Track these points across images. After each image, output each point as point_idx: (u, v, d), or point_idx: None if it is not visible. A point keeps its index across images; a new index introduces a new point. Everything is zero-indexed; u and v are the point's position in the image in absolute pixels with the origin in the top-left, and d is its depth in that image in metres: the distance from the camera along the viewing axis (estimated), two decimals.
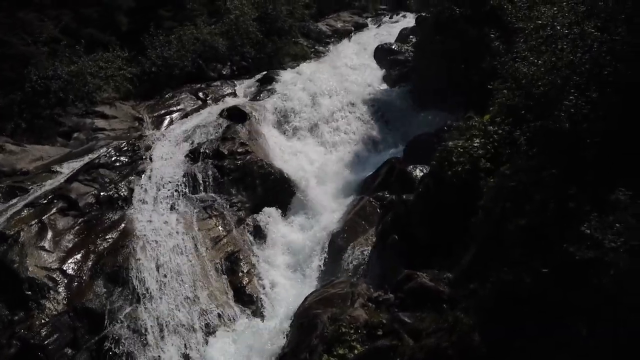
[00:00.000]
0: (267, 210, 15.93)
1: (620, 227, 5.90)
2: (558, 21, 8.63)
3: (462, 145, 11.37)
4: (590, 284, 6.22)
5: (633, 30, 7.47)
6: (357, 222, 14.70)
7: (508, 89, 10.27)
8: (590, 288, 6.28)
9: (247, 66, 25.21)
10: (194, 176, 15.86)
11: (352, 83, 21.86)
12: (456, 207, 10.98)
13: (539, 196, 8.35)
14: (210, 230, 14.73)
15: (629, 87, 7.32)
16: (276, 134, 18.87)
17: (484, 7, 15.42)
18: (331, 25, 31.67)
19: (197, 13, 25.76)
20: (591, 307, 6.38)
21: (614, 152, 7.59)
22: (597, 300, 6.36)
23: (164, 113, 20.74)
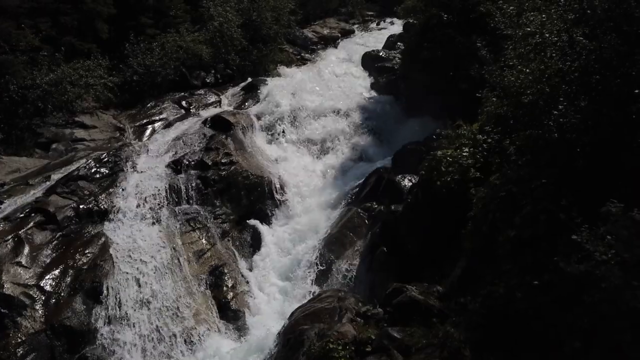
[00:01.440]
0: (252, 222, 15.86)
1: (611, 239, 5.88)
2: (547, 28, 8.66)
3: (451, 154, 11.37)
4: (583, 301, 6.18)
5: (622, 39, 7.49)
6: (345, 233, 14.66)
7: (497, 97, 10.28)
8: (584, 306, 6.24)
9: (231, 74, 25.14)
10: (176, 188, 15.79)
11: (339, 91, 21.88)
12: (446, 217, 10.97)
13: (529, 207, 8.35)
14: (194, 243, 14.63)
15: (619, 95, 7.33)
16: (262, 144, 18.80)
17: (472, 14, 15.49)
18: (317, 31, 31.76)
19: (180, 20, 25.68)
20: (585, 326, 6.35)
21: (605, 161, 7.61)
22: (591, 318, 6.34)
23: (146, 123, 20.61)
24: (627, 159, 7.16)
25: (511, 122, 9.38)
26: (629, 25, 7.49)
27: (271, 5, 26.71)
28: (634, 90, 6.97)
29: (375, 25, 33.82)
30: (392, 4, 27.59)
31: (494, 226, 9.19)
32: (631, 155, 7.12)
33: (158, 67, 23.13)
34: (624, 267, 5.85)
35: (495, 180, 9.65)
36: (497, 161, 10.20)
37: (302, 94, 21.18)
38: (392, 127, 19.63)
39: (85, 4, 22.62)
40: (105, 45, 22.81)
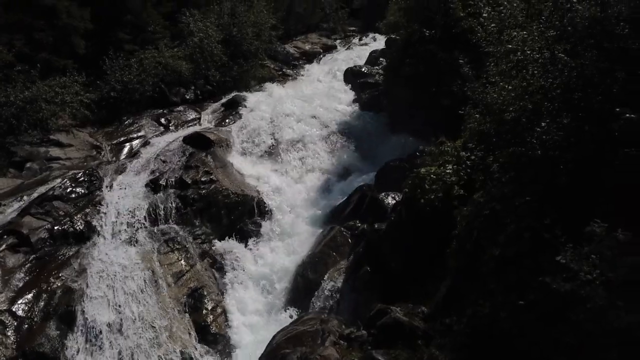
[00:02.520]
0: (233, 242, 15.75)
1: (595, 258, 5.92)
2: (528, 45, 8.76)
3: (435, 171, 11.41)
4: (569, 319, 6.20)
5: (603, 55, 7.60)
6: (328, 253, 14.60)
7: (480, 114, 10.36)
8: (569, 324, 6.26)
9: (211, 90, 25.10)
10: (155, 207, 15.64)
11: (321, 107, 21.89)
12: (430, 236, 10.99)
13: (513, 225, 8.39)
14: (172, 264, 14.46)
15: (600, 112, 7.42)
16: (242, 161, 18.72)
17: (454, 30, 15.65)
18: (299, 47, 31.92)
19: (159, 36, 25.64)
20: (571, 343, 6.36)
21: (587, 179, 7.67)
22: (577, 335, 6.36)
23: (124, 140, 20.47)
24: (608, 177, 7.22)
25: (494, 140, 9.43)
26: (610, 42, 7.61)
27: (252, 21, 26.80)
28: (615, 107, 7.05)
29: (357, 41, 34.02)
30: (374, 20, 27.87)
31: (478, 244, 9.23)
32: (613, 172, 7.18)
33: (136, 83, 23.03)
34: (609, 287, 5.87)
35: (479, 198, 9.70)
36: (481, 178, 10.26)
37: (284, 110, 21.18)
38: (375, 144, 19.69)
39: (60, 20, 22.49)
40: (82, 61, 22.66)
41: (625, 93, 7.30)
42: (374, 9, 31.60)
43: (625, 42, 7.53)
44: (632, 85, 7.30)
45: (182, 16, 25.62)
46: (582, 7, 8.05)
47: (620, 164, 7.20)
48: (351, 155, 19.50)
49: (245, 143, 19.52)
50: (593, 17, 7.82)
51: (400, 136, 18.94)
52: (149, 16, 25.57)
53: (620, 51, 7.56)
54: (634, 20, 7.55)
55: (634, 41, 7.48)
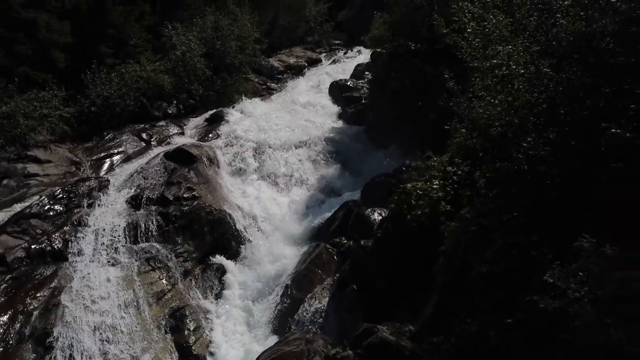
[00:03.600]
0: (216, 260, 15.62)
1: (583, 275, 5.94)
2: (513, 60, 8.84)
3: (421, 187, 11.41)
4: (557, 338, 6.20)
5: (588, 70, 7.68)
6: (313, 270, 14.53)
7: (466, 129, 10.41)
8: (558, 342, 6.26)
9: (194, 104, 25.09)
10: (135, 225, 15.50)
11: (306, 121, 21.96)
12: (417, 252, 10.97)
13: (501, 241, 8.41)
14: (154, 284, 14.31)
15: (586, 127, 7.48)
16: (226, 177, 18.67)
17: (438, 45, 15.78)
18: (283, 60, 32.04)
19: (140, 49, 25.59)
20: None
21: (575, 194, 7.72)
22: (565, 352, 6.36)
23: (104, 156, 20.32)
24: (595, 192, 7.27)
25: (480, 155, 9.47)
26: (594, 57, 7.69)
27: (236, 34, 26.89)
28: (601, 122, 7.11)
29: (342, 54, 34.23)
30: (359, 33, 28.11)
31: (465, 261, 9.22)
32: (599, 187, 7.23)
33: (117, 97, 22.94)
34: (597, 303, 5.89)
35: (466, 213, 9.72)
36: (468, 194, 10.29)
37: (268, 125, 21.22)
38: (361, 158, 19.75)
39: (40, 33, 22.39)
40: (62, 75, 22.52)
41: (611, 108, 7.36)
42: (359, 22, 31.87)
43: (610, 57, 7.61)
44: (618, 100, 7.37)
45: (164, 29, 25.60)
46: (566, 21, 8.14)
47: (606, 179, 7.26)
48: (337, 170, 19.52)
49: (228, 158, 19.47)
50: (578, 32, 7.91)
51: (387, 151, 19.01)
52: (131, 29, 25.53)
53: (605, 66, 7.65)
54: (618, 34, 7.65)
55: (618, 56, 7.57)
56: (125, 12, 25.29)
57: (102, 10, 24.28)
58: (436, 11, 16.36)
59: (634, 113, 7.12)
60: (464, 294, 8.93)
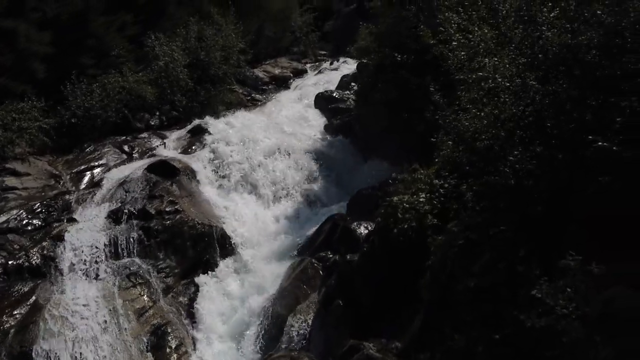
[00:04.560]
0: (199, 275, 15.51)
1: (570, 292, 5.96)
2: (499, 72, 8.90)
3: (408, 200, 11.44)
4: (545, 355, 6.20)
5: (574, 83, 7.75)
6: (298, 286, 14.44)
7: (452, 142, 10.45)
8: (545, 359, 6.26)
9: (177, 116, 24.96)
10: (116, 240, 15.36)
11: (291, 133, 21.92)
12: (404, 267, 10.96)
13: (488, 255, 8.43)
14: (134, 300, 14.16)
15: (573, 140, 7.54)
16: (209, 190, 18.54)
17: (425, 56, 15.85)
18: (268, 71, 32.05)
19: (122, 60, 25.45)
20: None
21: (563, 208, 7.76)
22: None
23: (85, 169, 20.12)
24: (581, 206, 7.32)
25: (467, 168, 9.51)
26: (580, 69, 7.77)
27: (220, 45, 26.84)
28: (588, 135, 7.17)
29: (328, 65, 34.30)
30: (345, 44, 28.23)
31: (452, 275, 9.23)
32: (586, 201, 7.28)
33: (98, 109, 22.76)
34: (585, 321, 5.90)
35: (453, 227, 9.74)
36: (455, 207, 10.31)
37: (253, 137, 21.12)
38: (347, 171, 19.74)
39: (19, 43, 22.24)
40: (42, 86, 22.37)
41: (597, 121, 7.43)
42: (345, 33, 32.02)
43: (596, 70, 7.69)
44: (604, 113, 7.44)
45: (147, 40, 25.51)
46: (552, 34, 8.22)
47: (593, 192, 7.30)
48: (322, 183, 19.49)
49: (212, 171, 19.35)
50: (563, 44, 7.98)
51: (373, 163, 19.03)
52: (113, 40, 25.39)
53: (591, 79, 7.72)
54: (604, 47, 7.73)
55: (604, 69, 7.65)
56: (107, 22, 25.17)
57: (83, 21, 24.14)
58: (422, 22, 16.48)
59: (620, 126, 7.19)
60: (450, 309, 8.94)
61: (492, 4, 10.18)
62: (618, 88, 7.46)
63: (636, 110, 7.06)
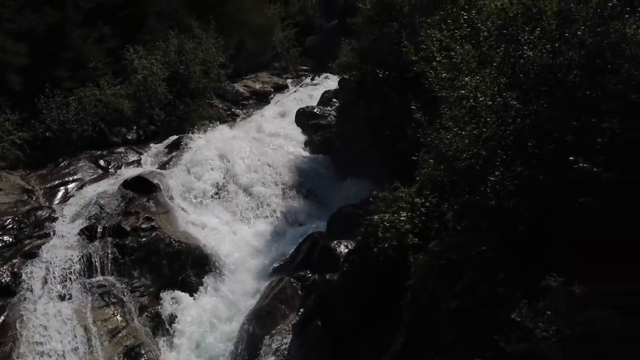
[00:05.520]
0: (174, 294, 15.33)
1: (551, 314, 5.96)
2: (481, 91, 8.96)
3: (389, 219, 11.44)
4: None
5: (555, 103, 7.83)
6: (276, 306, 14.33)
7: (434, 160, 10.50)
8: None
9: (155, 130, 24.80)
10: (90, 257, 15.17)
11: (271, 149, 21.88)
12: (385, 287, 10.93)
13: (469, 276, 8.43)
14: (107, 320, 13.98)
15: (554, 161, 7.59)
16: (187, 207, 18.42)
17: (407, 73, 15.96)
18: (249, 86, 32.02)
19: (100, 73, 25.25)
20: None
21: (544, 228, 7.80)
22: None
23: (59, 184, 19.86)
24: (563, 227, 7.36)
25: (448, 188, 9.54)
26: (562, 90, 7.85)
27: (200, 58, 26.79)
28: (569, 156, 7.22)
29: (309, 81, 34.36)
30: (327, 59, 28.24)
31: (433, 296, 9.21)
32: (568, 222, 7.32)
33: (74, 122, 22.55)
34: (565, 343, 5.90)
35: (434, 247, 9.74)
36: (436, 226, 10.33)
37: (232, 153, 21.05)
38: (328, 188, 19.73)
39: None
40: (17, 98, 22.14)
41: (578, 142, 7.49)
42: (327, 49, 32.03)
43: (577, 90, 7.78)
44: (585, 133, 7.51)
45: (125, 52, 25.40)
46: (533, 54, 8.31)
47: (574, 213, 7.35)
48: (302, 201, 19.45)
49: (190, 187, 19.22)
50: (544, 64, 8.07)
51: (354, 180, 19.04)
52: (90, 52, 25.22)
53: (572, 99, 7.81)
54: (585, 67, 7.83)
55: (585, 89, 7.74)
56: (85, 34, 25.01)
57: (60, 32, 23.97)
58: (405, 39, 16.61)
59: (601, 147, 7.27)
60: (431, 330, 8.91)
61: (474, 22, 10.28)
62: (599, 109, 7.54)
63: (617, 131, 7.13)
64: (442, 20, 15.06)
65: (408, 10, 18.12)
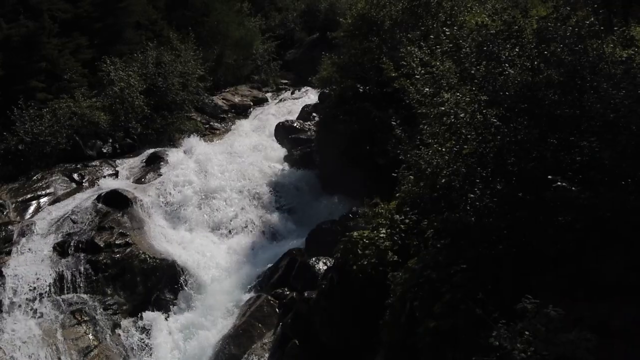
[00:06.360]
0: (149, 312, 15.16)
1: (529, 335, 5.96)
2: (461, 108, 9.01)
3: (368, 235, 11.40)
4: None
5: (534, 121, 7.89)
6: (253, 324, 14.22)
7: (414, 177, 10.52)
8: None
9: (132, 143, 24.65)
10: (61, 274, 14.95)
11: (250, 164, 21.85)
12: (364, 305, 10.89)
13: (448, 295, 8.41)
14: (79, 339, 13.79)
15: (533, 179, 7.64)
16: (163, 222, 18.28)
17: (387, 88, 16.04)
18: (228, 99, 31.96)
19: (75, 85, 25.08)
20: None
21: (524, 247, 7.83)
22: None
23: (31, 198, 19.60)
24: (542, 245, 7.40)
25: (427, 205, 9.56)
26: (540, 108, 7.92)
27: (179, 71, 26.77)
28: (548, 174, 7.26)
29: (289, 94, 34.42)
30: (307, 73, 28.36)
31: (412, 315, 9.18)
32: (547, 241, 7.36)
33: (48, 135, 22.30)
34: None
35: (414, 264, 9.71)
36: (416, 243, 10.33)
37: (210, 167, 20.98)
38: (307, 204, 19.70)
39: None
40: None
41: (557, 160, 7.55)
42: (307, 62, 32.19)
43: (556, 109, 7.85)
44: (564, 152, 7.58)
45: (102, 64, 25.25)
46: (514, 71, 8.39)
47: (553, 232, 7.39)
48: (281, 216, 19.40)
49: (166, 202, 19.07)
50: (524, 82, 8.14)
51: (334, 196, 19.06)
52: (66, 63, 25.06)
53: (551, 117, 7.88)
54: (564, 85, 7.92)
55: (564, 107, 7.82)
56: (61, 44, 24.87)
57: (36, 43, 23.81)
58: (385, 54, 16.72)
59: (580, 166, 7.33)
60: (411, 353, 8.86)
61: (456, 39, 10.37)
62: (578, 127, 7.62)
63: (595, 150, 7.20)
64: (423, 36, 15.24)
65: (389, 26, 18.30)
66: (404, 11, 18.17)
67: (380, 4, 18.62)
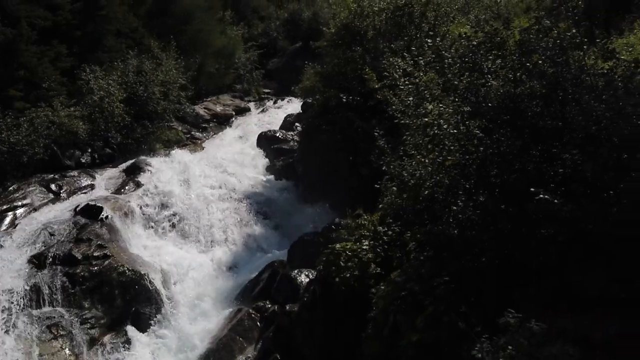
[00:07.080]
0: (127, 327, 14.93)
1: (511, 349, 5.98)
2: (444, 119, 9.06)
3: (351, 247, 11.41)
4: None
5: (516, 133, 7.95)
6: (234, 339, 14.10)
7: (397, 188, 10.55)
8: None
9: (111, 153, 24.46)
10: (37, 287, 14.73)
11: (232, 174, 21.78)
12: (347, 318, 10.88)
13: (431, 308, 8.43)
14: (55, 354, 13.56)
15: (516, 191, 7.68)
16: (142, 234, 18.11)
17: (370, 99, 16.10)
18: (210, 108, 31.89)
19: (54, 93, 24.85)
20: None
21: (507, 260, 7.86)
22: None
23: (6, 209, 19.26)
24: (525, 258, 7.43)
25: (410, 217, 9.59)
26: (523, 120, 7.98)
27: (160, 80, 26.68)
28: (530, 186, 7.31)
29: (272, 104, 34.48)
30: (290, 82, 28.42)
31: (395, 329, 9.17)
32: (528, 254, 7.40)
33: (25, 144, 22.00)
34: None
35: (396, 277, 9.72)
36: (399, 255, 10.34)
37: (191, 177, 20.88)
38: (289, 215, 19.66)
39: None
40: None
41: (539, 172, 7.61)
42: (290, 72, 32.31)
43: (539, 120, 7.91)
44: (546, 164, 7.63)
45: (82, 72, 25.06)
46: (496, 82, 8.45)
47: (536, 245, 7.43)
48: (263, 227, 19.35)
49: (146, 213, 18.88)
50: (507, 93, 8.20)
51: (316, 207, 19.04)
52: (44, 71, 24.84)
53: (533, 129, 7.94)
54: (546, 97, 7.99)
55: (547, 119, 7.89)
56: (39, 52, 24.64)
57: (13, 50, 23.59)
58: (368, 64, 16.80)
59: (562, 178, 7.38)
60: None
61: (439, 49, 10.44)
62: (560, 139, 7.68)
63: (577, 162, 7.26)
64: (406, 46, 15.33)
65: (372, 35, 18.40)
66: (388, 21, 18.30)
67: (364, 13, 18.72)
